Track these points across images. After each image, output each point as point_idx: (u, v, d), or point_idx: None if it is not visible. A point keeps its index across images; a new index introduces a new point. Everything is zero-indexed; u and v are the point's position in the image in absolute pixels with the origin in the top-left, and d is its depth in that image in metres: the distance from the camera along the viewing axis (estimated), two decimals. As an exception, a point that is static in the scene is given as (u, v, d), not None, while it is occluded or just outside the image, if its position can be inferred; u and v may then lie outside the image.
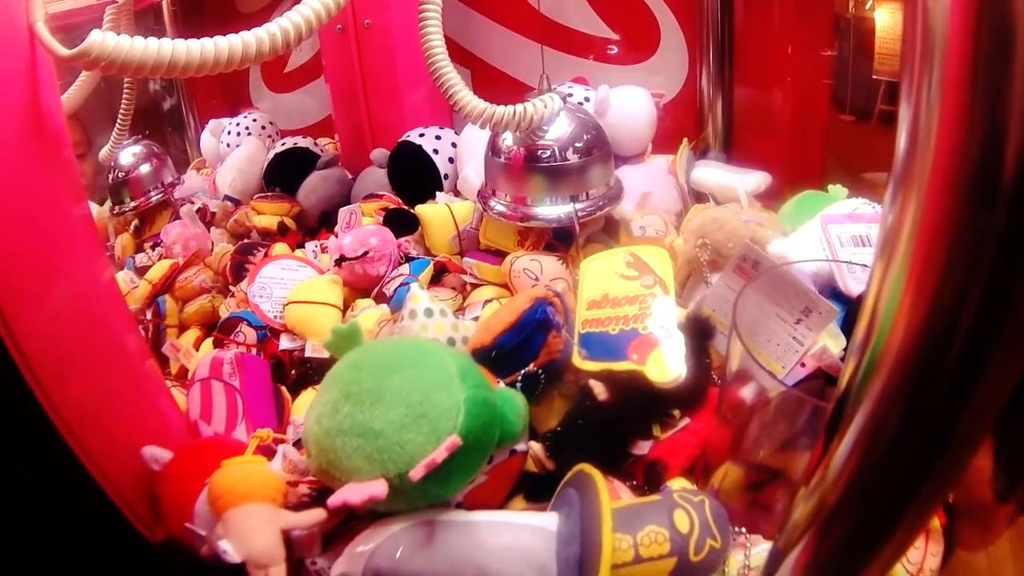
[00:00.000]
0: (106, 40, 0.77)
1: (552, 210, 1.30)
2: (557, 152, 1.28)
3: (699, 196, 1.55)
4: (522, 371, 0.98)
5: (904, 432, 0.51)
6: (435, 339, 1.08)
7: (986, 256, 0.43)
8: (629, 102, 1.64)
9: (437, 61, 1.19)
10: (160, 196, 1.93)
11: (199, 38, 0.81)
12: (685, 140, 1.65)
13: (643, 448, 0.95)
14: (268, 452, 0.99)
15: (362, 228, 1.45)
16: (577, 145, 1.29)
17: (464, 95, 1.20)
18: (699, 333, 1.01)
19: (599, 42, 1.85)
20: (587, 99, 1.64)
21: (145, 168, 1.93)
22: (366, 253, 1.36)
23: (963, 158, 0.42)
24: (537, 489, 0.94)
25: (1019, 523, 0.88)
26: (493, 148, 1.35)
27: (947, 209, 0.44)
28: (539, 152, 1.29)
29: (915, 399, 0.50)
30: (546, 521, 0.81)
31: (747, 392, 0.84)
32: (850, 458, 0.55)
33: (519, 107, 1.23)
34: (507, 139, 1.32)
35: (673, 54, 1.82)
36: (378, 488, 0.75)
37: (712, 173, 1.54)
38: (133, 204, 1.91)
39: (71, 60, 0.79)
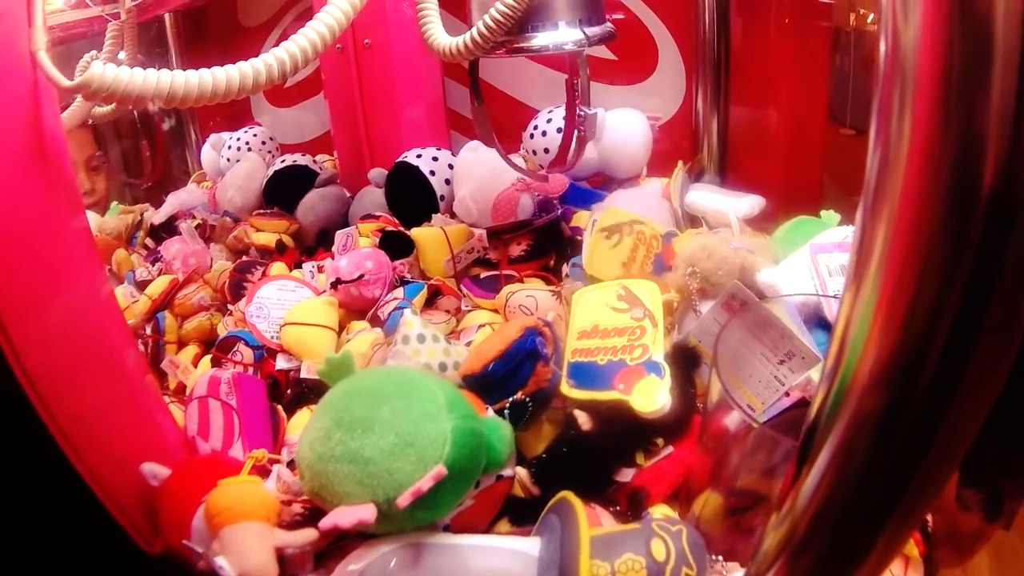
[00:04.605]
0: (106, 72, 0.78)
1: (551, 36, 1.11)
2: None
3: (693, 220, 1.55)
4: (510, 398, 1.00)
5: (874, 461, 0.52)
6: (427, 364, 1.10)
7: (960, 277, 0.43)
8: (624, 124, 1.65)
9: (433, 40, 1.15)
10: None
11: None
12: (680, 163, 1.65)
13: (626, 475, 0.97)
14: (263, 471, 1.01)
15: (358, 251, 1.46)
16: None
17: (452, 42, 1.11)
18: (684, 363, 1.02)
19: (597, 63, 1.85)
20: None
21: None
22: (361, 276, 1.36)
23: (936, 175, 0.42)
24: (522, 513, 0.96)
25: (997, 541, 0.90)
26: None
27: (920, 229, 0.44)
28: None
29: (885, 427, 0.50)
30: (528, 546, 0.83)
31: (728, 422, 0.86)
32: (819, 487, 0.55)
33: None
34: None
35: (670, 75, 1.83)
36: (367, 512, 0.77)
37: (705, 197, 1.55)
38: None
39: (72, 91, 0.81)
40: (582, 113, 1.27)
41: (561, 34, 1.12)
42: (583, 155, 1.37)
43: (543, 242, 1.49)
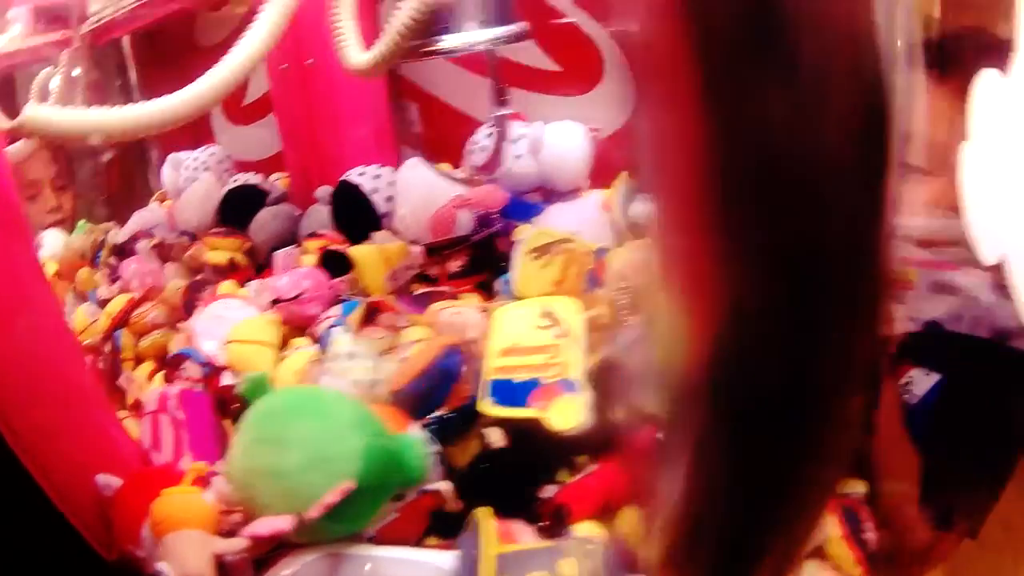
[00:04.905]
0: (39, 113, 0.82)
1: (460, 38, 1.14)
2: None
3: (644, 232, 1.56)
4: (435, 414, 1.04)
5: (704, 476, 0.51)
6: (357, 381, 1.13)
7: (767, 266, 0.42)
8: (562, 139, 1.68)
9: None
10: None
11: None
12: (624, 174, 1.66)
13: (550, 492, 0.98)
14: (206, 483, 1.05)
15: (297, 270, 1.50)
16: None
17: (365, 57, 1.14)
18: (609, 380, 1.03)
19: (541, 74, 1.85)
20: (524, 136, 1.64)
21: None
22: (299, 295, 1.39)
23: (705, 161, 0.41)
24: (448, 527, 0.98)
25: (953, 558, 0.91)
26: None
27: (698, 221, 0.43)
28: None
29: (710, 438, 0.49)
30: (443, 560, 0.88)
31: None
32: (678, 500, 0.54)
33: None
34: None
35: (617, 86, 1.84)
36: (283, 523, 0.83)
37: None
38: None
39: (10, 131, 0.85)
40: (497, 113, 1.33)
41: (471, 35, 1.15)
42: (504, 160, 1.45)
43: (480, 258, 1.51)
